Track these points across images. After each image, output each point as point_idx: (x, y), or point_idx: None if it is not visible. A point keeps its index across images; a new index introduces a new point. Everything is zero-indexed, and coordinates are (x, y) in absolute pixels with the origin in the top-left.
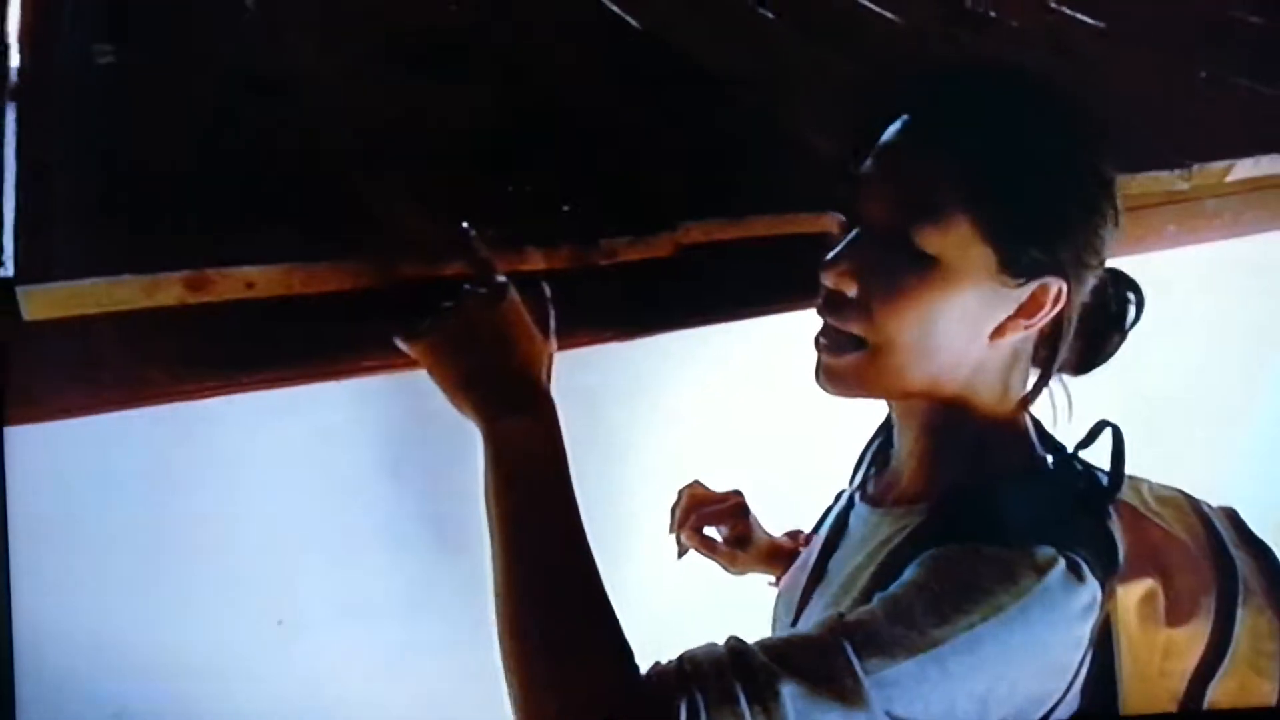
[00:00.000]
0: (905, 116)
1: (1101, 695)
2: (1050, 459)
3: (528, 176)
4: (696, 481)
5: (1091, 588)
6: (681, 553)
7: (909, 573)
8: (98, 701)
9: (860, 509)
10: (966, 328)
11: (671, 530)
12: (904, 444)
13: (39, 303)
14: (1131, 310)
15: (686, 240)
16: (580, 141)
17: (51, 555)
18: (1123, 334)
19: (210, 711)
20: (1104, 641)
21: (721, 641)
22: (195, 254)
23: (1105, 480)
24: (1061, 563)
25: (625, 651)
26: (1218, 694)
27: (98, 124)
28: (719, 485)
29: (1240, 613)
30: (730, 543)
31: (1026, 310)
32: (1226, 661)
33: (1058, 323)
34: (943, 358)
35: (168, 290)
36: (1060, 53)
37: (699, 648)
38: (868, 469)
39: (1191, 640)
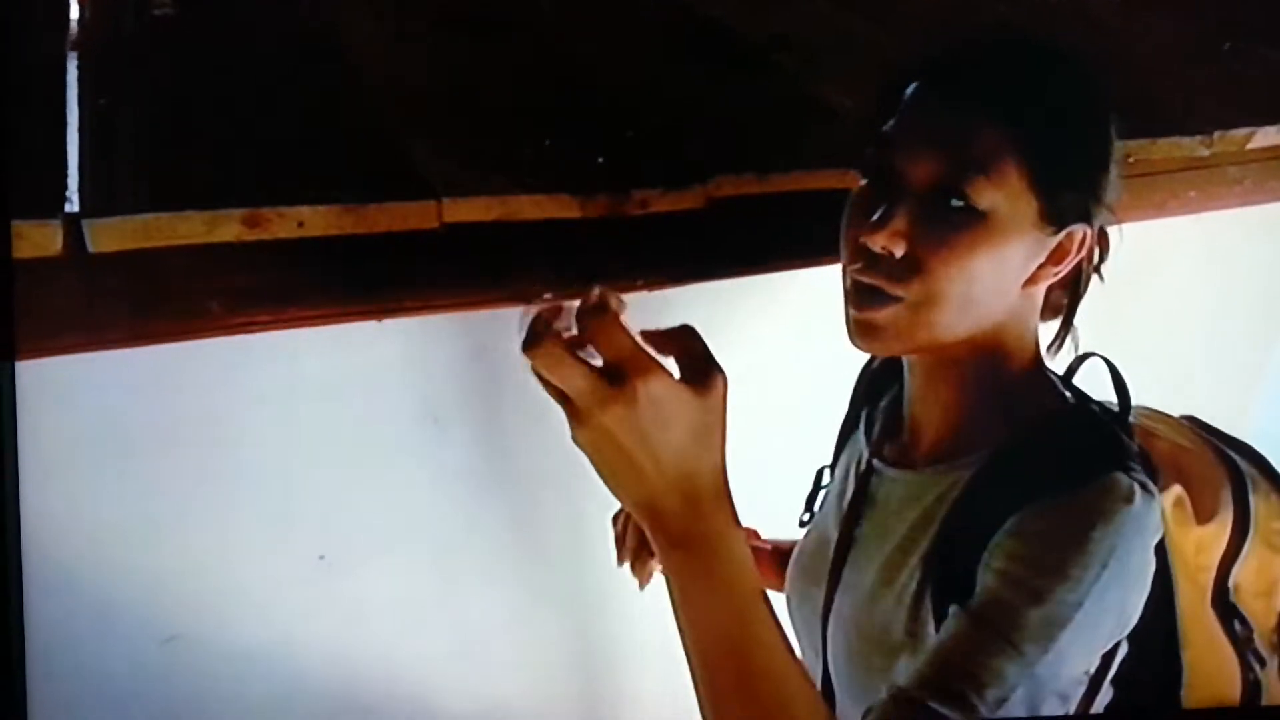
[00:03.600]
0: (937, 78)
1: (1161, 598)
2: (1070, 395)
3: (566, 130)
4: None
5: (1159, 500)
6: (642, 584)
7: (1008, 544)
8: (150, 629)
9: (889, 473)
10: (1005, 278)
11: (621, 562)
12: (926, 401)
13: (104, 235)
14: (1098, 251)
15: (717, 194)
16: (616, 99)
17: (101, 485)
18: (1092, 276)
19: (257, 641)
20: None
21: None
22: (252, 193)
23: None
24: (1136, 486)
25: None
26: (1240, 576)
27: (156, 72)
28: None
29: (1253, 499)
30: None
31: (1055, 257)
32: (1247, 545)
33: (1078, 271)
34: (981, 309)
35: (226, 226)
36: (1086, 22)
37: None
38: (879, 434)
39: (1218, 533)
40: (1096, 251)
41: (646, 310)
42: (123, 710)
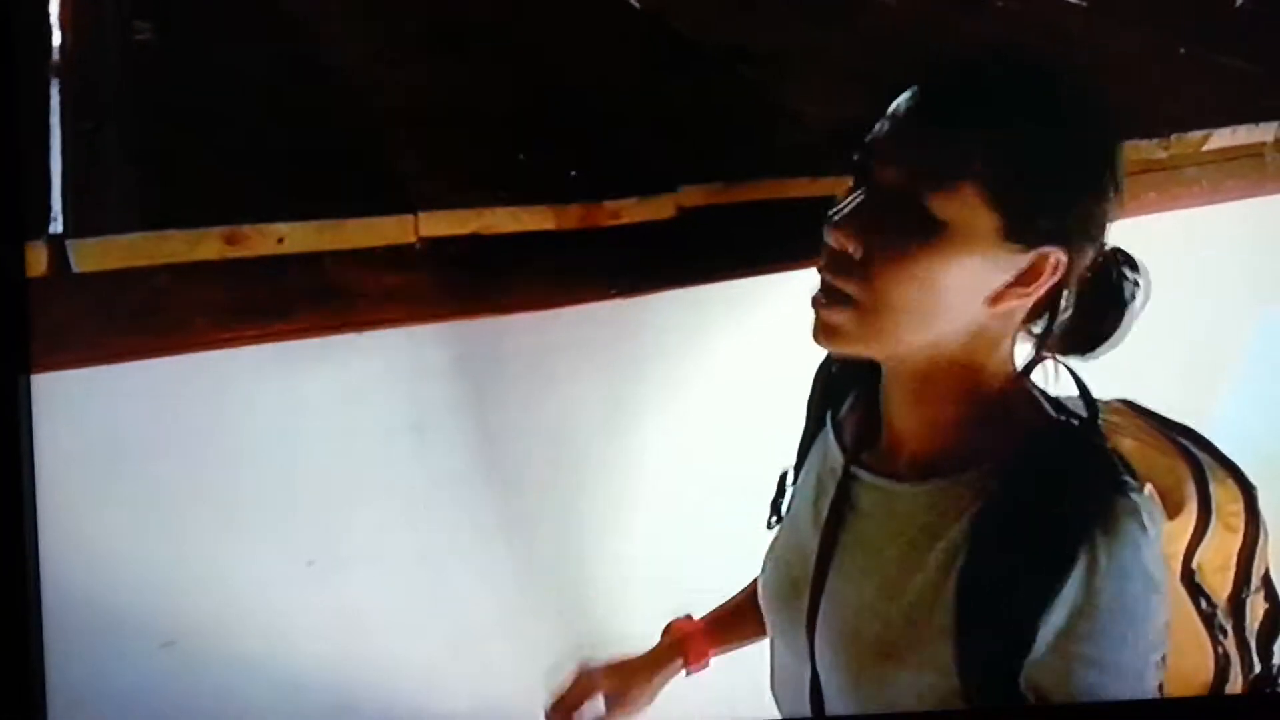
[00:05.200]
0: (920, 87)
1: None
2: (1054, 412)
3: (538, 144)
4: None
5: (1156, 508)
6: None
7: (1071, 627)
8: (149, 633)
9: (872, 480)
10: (965, 292)
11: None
12: (905, 413)
13: (87, 255)
14: (1130, 288)
15: (687, 203)
16: (588, 114)
17: (93, 498)
18: (1122, 312)
19: (251, 644)
20: None
21: (717, 575)
22: (233, 211)
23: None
24: (1143, 514)
25: None
26: (1202, 557)
27: (137, 95)
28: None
29: (1212, 488)
30: (619, 701)
31: (1025, 278)
32: (1209, 531)
33: (1055, 294)
34: (940, 320)
35: (209, 244)
36: (1047, 31)
37: None
38: (853, 440)
39: (1185, 524)
40: (1131, 290)
41: (621, 317)
42: (129, 710)
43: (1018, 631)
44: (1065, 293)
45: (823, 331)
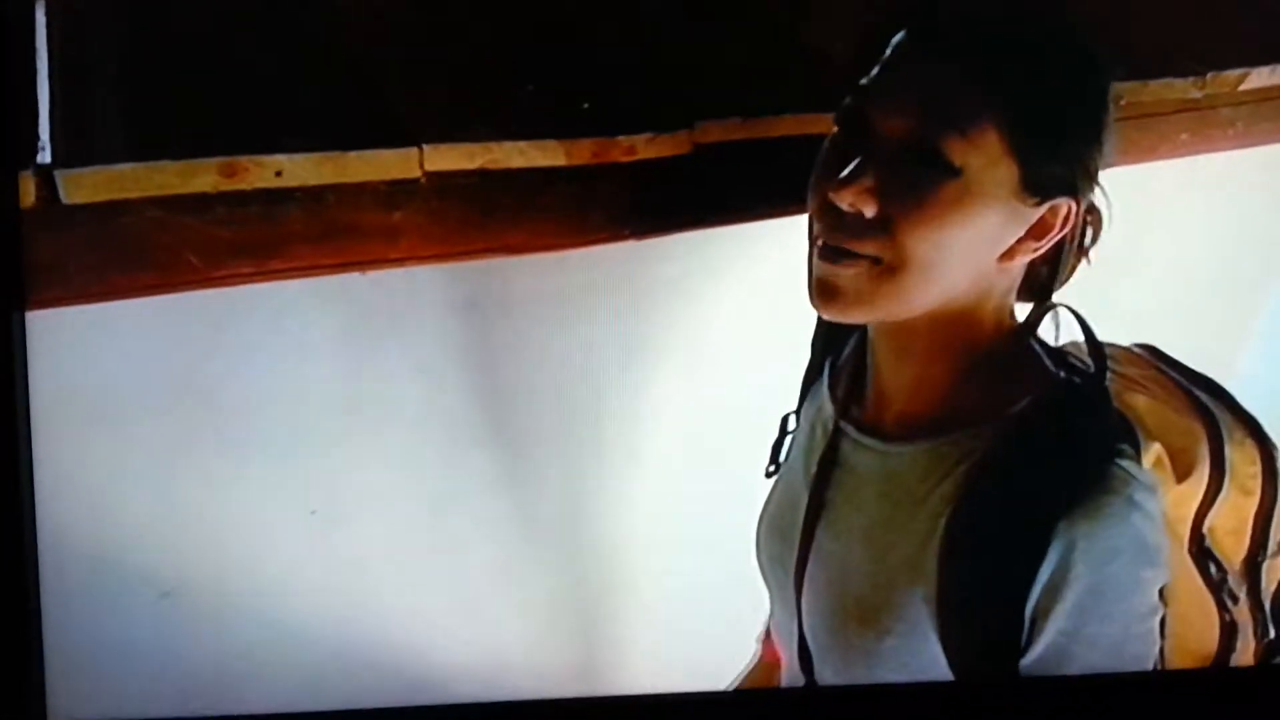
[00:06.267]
0: (921, 30)
1: None
2: (1055, 368)
3: (549, 77)
4: None
5: (1153, 480)
6: None
7: (1061, 603)
8: (148, 582)
9: (859, 438)
10: (981, 248)
11: None
12: (894, 370)
13: (78, 186)
14: (1089, 231)
15: (704, 139)
16: (601, 45)
17: (89, 443)
18: (1083, 256)
19: (250, 595)
20: None
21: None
22: (229, 142)
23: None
24: (1131, 469)
25: None
26: (1214, 521)
27: (129, 19)
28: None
29: (1228, 449)
30: None
31: (1036, 231)
32: (1222, 494)
33: (1058, 245)
34: (953, 278)
35: (203, 176)
36: None
37: None
38: (844, 392)
39: (1195, 487)
40: (1089, 233)
41: (635, 258)
42: (127, 660)
43: (1006, 614)
44: (1070, 243)
45: (833, 296)
